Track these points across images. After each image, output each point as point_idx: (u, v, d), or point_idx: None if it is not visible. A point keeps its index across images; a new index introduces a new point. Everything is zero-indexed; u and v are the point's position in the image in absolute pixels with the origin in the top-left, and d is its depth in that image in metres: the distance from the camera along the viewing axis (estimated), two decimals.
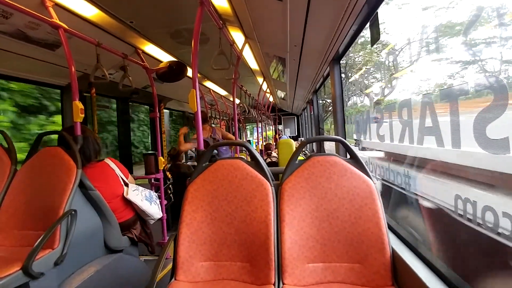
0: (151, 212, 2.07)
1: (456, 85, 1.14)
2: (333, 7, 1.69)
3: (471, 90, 1.04)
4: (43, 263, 1.38)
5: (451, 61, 1.30)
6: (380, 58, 2.28)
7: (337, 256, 1.29)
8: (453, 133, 1.10)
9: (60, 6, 1.86)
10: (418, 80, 1.64)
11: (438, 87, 1.38)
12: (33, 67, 2.43)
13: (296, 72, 3.80)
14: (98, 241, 1.77)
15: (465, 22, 1.14)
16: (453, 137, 1.10)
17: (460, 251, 1.25)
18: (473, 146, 0.98)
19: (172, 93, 4.60)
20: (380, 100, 2.18)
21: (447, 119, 1.12)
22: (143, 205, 2.01)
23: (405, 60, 1.76)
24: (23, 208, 1.64)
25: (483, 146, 0.94)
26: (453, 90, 1.11)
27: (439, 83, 1.39)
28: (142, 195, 2.05)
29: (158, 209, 2.15)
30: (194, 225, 1.37)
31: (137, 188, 2.06)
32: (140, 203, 2.00)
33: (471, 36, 1.11)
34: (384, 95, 2.15)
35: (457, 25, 1.24)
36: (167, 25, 2.46)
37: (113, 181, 1.95)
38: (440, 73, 1.39)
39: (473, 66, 1.15)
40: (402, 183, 1.70)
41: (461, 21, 1.19)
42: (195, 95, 1.65)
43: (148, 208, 2.05)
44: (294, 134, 11.98)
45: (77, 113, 1.77)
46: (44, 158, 1.72)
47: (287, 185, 1.38)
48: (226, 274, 1.32)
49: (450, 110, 1.11)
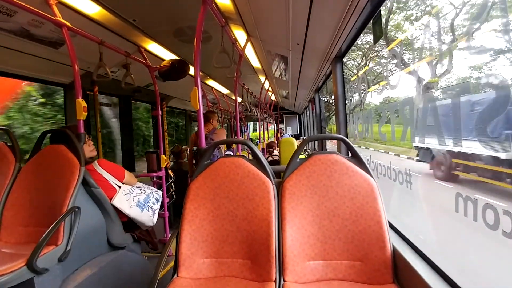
0: (141, 220, 1.96)
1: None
2: (336, 5, 1.68)
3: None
4: (47, 259, 1.40)
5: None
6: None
7: (338, 253, 1.29)
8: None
9: (64, 4, 1.87)
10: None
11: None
12: (36, 65, 2.44)
13: (298, 71, 3.79)
14: (101, 238, 1.79)
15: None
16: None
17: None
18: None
19: (174, 92, 4.61)
20: (434, 81, 1.45)
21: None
22: (131, 213, 1.90)
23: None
24: (27, 205, 1.66)
25: None
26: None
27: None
28: (133, 201, 1.93)
29: (151, 216, 2.01)
30: (196, 222, 1.38)
31: (130, 192, 1.95)
32: (127, 210, 1.88)
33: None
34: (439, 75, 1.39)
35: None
36: (170, 23, 2.46)
37: (102, 186, 1.83)
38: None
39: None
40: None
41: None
42: (197, 93, 1.65)
43: (138, 215, 1.93)
44: (296, 133, 11.96)
45: (80, 111, 1.78)
46: (48, 156, 1.74)
47: (288, 183, 1.38)
48: (228, 271, 1.33)
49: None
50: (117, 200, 1.86)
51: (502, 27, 0.94)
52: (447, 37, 1.34)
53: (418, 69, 1.59)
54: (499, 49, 1.04)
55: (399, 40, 1.88)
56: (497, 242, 0.95)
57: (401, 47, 1.79)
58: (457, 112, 1.26)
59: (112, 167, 1.94)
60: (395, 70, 1.89)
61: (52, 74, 2.70)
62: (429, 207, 1.72)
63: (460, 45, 1.21)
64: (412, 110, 1.56)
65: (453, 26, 1.30)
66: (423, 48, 1.47)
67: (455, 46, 1.26)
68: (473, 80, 1.27)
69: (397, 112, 1.76)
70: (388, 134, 1.85)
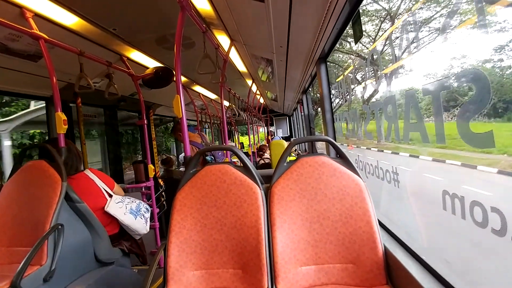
0: (134, 227, 1.94)
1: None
2: (315, 7, 1.68)
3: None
4: (31, 280, 1.34)
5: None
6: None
7: (330, 257, 1.28)
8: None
9: (40, 16, 1.82)
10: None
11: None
12: (16, 79, 2.37)
13: (284, 73, 3.80)
14: (88, 254, 1.73)
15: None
16: None
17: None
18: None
19: (161, 99, 4.56)
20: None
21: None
22: (125, 220, 1.89)
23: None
24: (9, 224, 1.60)
25: None
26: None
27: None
28: (126, 208, 1.92)
29: (144, 223, 2.01)
30: (183, 234, 1.34)
31: (122, 200, 1.94)
32: (122, 217, 1.88)
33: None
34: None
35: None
36: (151, 31, 2.43)
37: (94, 193, 1.85)
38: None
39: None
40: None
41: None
42: (179, 100, 1.62)
43: (132, 222, 1.92)
44: (287, 135, 11.99)
45: (60, 124, 1.73)
46: (29, 172, 1.68)
47: (276, 188, 1.36)
48: (219, 282, 1.30)
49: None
50: (111, 207, 1.86)
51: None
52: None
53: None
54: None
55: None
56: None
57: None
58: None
59: (103, 175, 1.96)
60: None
61: (33, 88, 2.63)
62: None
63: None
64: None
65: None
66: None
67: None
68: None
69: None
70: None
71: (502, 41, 1.02)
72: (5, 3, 1.62)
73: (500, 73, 1.15)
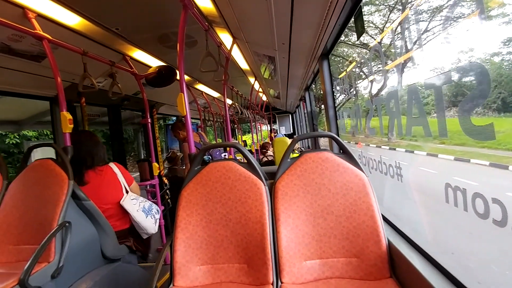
0: (145, 225, 2.00)
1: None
2: (317, 3, 1.68)
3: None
4: (39, 277, 1.37)
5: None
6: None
7: (334, 251, 1.29)
8: None
9: (43, 16, 1.84)
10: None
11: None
12: (20, 80, 2.40)
13: (287, 70, 3.80)
14: (95, 251, 1.76)
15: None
16: None
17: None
18: None
19: (165, 98, 4.58)
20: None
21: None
22: (137, 216, 1.95)
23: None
24: (16, 223, 1.63)
25: None
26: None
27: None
28: (139, 206, 1.99)
29: (154, 223, 2.07)
30: (189, 230, 1.36)
31: (136, 198, 2.02)
32: (135, 213, 1.94)
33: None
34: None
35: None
36: (154, 30, 2.44)
37: (114, 186, 1.94)
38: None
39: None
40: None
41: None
42: (183, 98, 1.64)
43: (143, 220, 1.98)
44: (290, 132, 11.98)
45: (65, 124, 1.75)
46: (36, 171, 1.71)
47: (280, 183, 1.38)
48: (224, 277, 1.32)
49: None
50: (126, 202, 1.94)
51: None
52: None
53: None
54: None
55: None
56: None
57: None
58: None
59: (125, 171, 2.06)
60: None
61: (37, 88, 2.65)
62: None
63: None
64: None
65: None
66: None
67: None
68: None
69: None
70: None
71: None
72: (7, 4, 1.63)
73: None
